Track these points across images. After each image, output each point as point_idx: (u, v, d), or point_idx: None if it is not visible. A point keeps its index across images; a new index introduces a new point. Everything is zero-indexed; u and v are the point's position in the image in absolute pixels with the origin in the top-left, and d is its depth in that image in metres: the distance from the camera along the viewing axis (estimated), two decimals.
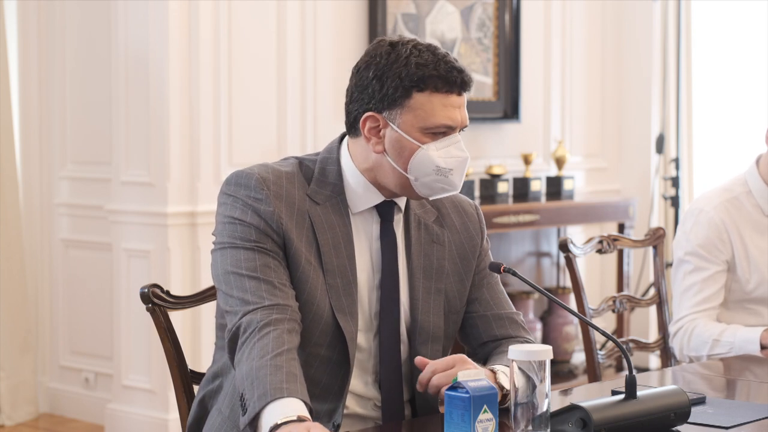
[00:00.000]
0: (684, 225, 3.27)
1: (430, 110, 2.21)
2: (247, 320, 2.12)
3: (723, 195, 3.26)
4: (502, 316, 2.38)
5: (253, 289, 2.15)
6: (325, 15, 5.13)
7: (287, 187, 2.24)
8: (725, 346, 3.09)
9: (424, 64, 2.20)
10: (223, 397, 2.27)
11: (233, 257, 2.19)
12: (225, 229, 2.23)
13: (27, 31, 5.34)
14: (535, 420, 1.90)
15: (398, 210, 2.32)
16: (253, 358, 2.05)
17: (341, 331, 2.21)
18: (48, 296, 5.42)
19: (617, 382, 2.41)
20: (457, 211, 2.41)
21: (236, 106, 4.89)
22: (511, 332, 2.37)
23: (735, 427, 2.17)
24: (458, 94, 2.22)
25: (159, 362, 4.69)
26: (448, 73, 2.20)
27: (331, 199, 2.26)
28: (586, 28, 6.30)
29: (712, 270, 3.19)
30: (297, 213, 2.23)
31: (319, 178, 2.27)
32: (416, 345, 2.29)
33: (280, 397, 1.98)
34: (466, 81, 2.22)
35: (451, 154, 2.22)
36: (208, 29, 4.79)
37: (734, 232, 3.21)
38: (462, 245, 2.38)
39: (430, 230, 2.35)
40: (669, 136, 6.25)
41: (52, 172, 5.40)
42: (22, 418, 5.23)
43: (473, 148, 5.71)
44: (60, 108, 5.35)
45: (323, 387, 2.22)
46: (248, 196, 2.22)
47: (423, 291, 2.31)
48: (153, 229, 4.81)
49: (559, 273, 6.14)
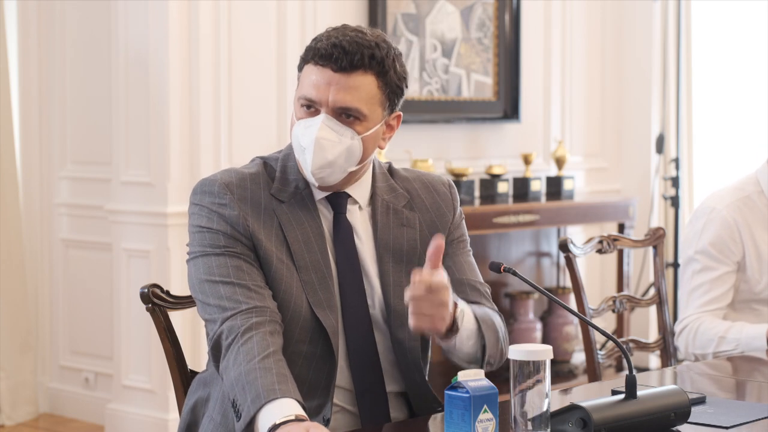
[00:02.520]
0: (694, 223, 3.23)
1: (303, 81, 2.21)
2: (227, 326, 2.11)
3: (735, 194, 3.22)
4: (463, 281, 2.34)
5: (228, 294, 2.15)
6: (325, 15, 5.12)
7: (252, 189, 2.23)
8: (731, 343, 3.07)
9: (318, 38, 2.20)
10: (213, 404, 2.26)
11: (205, 265, 2.19)
12: (195, 238, 2.23)
13: (27, 31, 5.34)
14: (535, 420, 1.89)
15: (353, 201, 2.29)
16: (240, 363, 2.04)
17: (322, 326, 2.20)
18: (48, 296, 5.42)
19: (617, 382, 2.41)
20: (427, 191, 2.38)
21: (236, 106, 4.89)
22: (471, 297, 2.33)
23: (735, 427, 2.16)
24: (333, 70, 2.16)
25: (159, 362, 4.69)
26: (331, 48, 2.16)
27: (295, 195, 2.25)
28: (586, 28, 6.30)
29: (721, 270, 3.16)
30: (264, 213, 2.22)
31: (281, 176, 2.26)
32: (393, 330, 2.26)
33: (274, 398, 1.97)
34: (349, 61, 2.15)
35: (306, 131, 2.19)
36: (208, 29, 4.79)
37: (746, 231, 3.17)
38: (433, 223, 2.35)
39: (400, 214, 2.32)
40: (669, 136, 6.25)
41: (52, 172, 5.40)
42: (22, 418, 5.23)
43: (473, 148, 5.71)
44: (60, 108, 5.35)
45: (310, 383, 2.20)
46: (213, 202, 2.21)
47: (394, 274, 2.28)
48: (153, 229, 4.81)
49: (559, 273, 6.14)
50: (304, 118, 2.21)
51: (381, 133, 2.27)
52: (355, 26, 2.23)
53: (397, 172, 2.40)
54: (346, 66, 2.16)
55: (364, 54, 2.16)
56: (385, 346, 2.28)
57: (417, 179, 2.40)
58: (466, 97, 5.68)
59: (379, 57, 2.18)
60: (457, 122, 5.66)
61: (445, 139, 5.60)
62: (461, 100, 5.66)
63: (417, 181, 2.39)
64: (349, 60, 2.16)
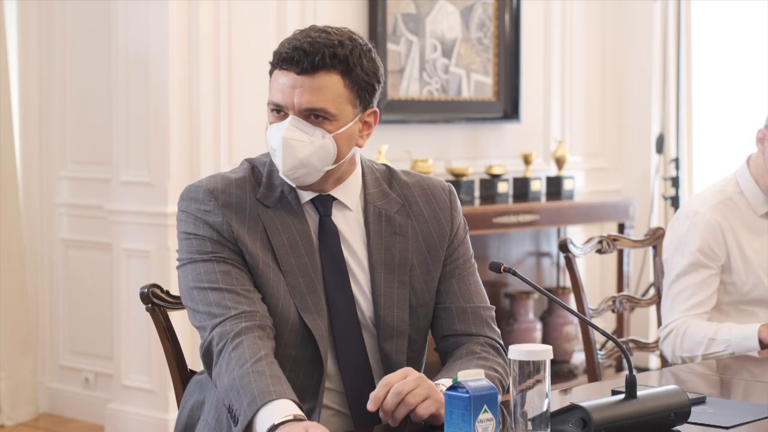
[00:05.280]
0: (677, 227, 3.20)
1: (271, 86, 2.21)
2: (218, 333, 2.11)
3: (717, 196, 3.20)
4: (467, 309, 2.31)
5: (217, 300, 2.14)
6: (325, 15, 5.12)
7: (237, 194, 2.23)
8: (721, 344, 3.05)
9: (282, 43, 2.20)
10: (208, 408, 2.25)
11: (194, 272, 2.19)
12: (182, 245, 2.23)
13: (27, 31, 5.34)
14: (535, 420, 1.89)
15: (340, 204, 2.28)
16: (233, 368, 2.04)
17: (310, 331, 2.19)
18: (48, 296, 5.42)
19: (617, 382, 2.41)
20: (426, 198, 2.34)
21: (236, 106, 4.89)
22: (473, 329, 2.30)
23: (735, 427, 2.16)
24: (297, 72, 2.16)
25: (159, 362, 4.69)
26: (292, 50, 2.15)
27: (281, 199, 2.24)
28: (586, 28, 6.30)
29: (705, 274, 3.14)
30: (249, 218, 2.21)
31: (267, 181, 2.26)
32: (380, 341, 2.25)
33: (270, 400, 1.97)
34: (310, 62, 2.14)
35: (276, 134, 2.19)
36: (208, 29, 4.79)
37: (729, 233, 3.16)
38: (429, 234, 2.31)
39: (392, 222, 2.29)
40: (669, 136, 6.25)
41: (52, 172, 5.40)
42: (22, 418, 5.23)
43: (473, 148, 5.72)
44: (60, 108, 5.35)
45: (299, 388, 2.18)
46: (198, 209, 2.21)
47: (385, 285, 2.26)
48: (153, 229, 4.81)
49: (559, 273, 6.14)
50: (275, 122, 2.21)
51: (356, 131, 2.24)
52: (322, 26, 2.21)
53: (397, 175, 2.36)
54: (308, 68, 2.15)
55: (325, 54, 2.15)
56: (375, 349, 2.27)
57: (417, 185, 2.36)
58: (466, 97, 5.68)
59: (341, 55, 2.16)
60: (457, 122, 5.66)
61: (445, 139, 5.60)
62: (461, 100, 5.66)
63: (416, 187, 2.35)
64: (310, 61, 2.15)
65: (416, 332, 2.29)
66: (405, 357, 2.27)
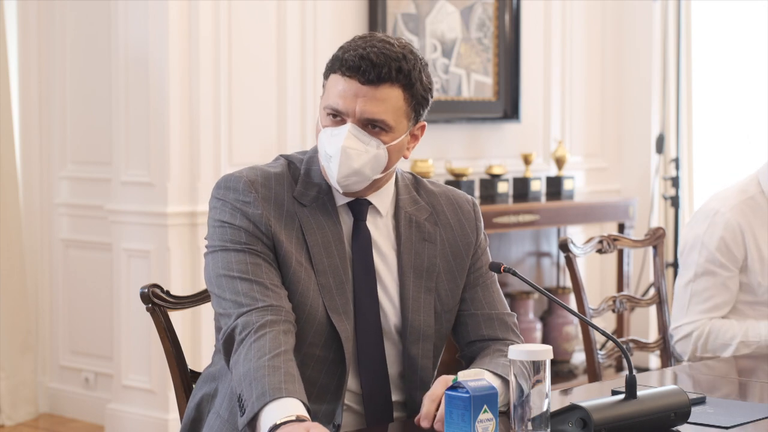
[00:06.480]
0: (696, 226, 3.17)
1: (329, 90, 2.21)
2: (242, 322, 2.11)
3: (739, 196, 3.16)
4: (492, 316, 2.36)
5: (245, 290, 2.15)
6: (325, 15, 5.13)
7: (276, 189, 2.24)
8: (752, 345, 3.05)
9: (345, 48, 2.20)
10: (221, 400, 2.26)
11: (224, 260, 2.19)
12: (215, 232, 2.23)
13: (27, 31, 5.34)
14: (535, 420, 1.90)
15: (375, 210, 2.30)
16: (251, 359, 2.05)
17: (336, 331, 2.21)
18: (48, 296, 5.42)
19: (617, 382, 2.41)
20: (452, 207, 2.38)
21: (236, 106, 4.89)
22: (499, 334, 2.34)
23: (735, 427, 2.16)
24: (360, 82, 2.16)
25: (159, 362, 4.70)
26: (358, 59, 2.16)
27: (317, 200, 2.26)
28: (586, 28, 6.30)
29: (725, 275, 3.12)
30: (286, 214, 2.22)
31: (305, 180, 2.27)
32: (407, 344, 2.28)
33: (279, 397, 1.97)
34: (377, 74, 2.15)
35: (332, 140, 2.19)
36: (208, 29, 4.79)
37: (749, 234, 3.12)
38: (455, 243, 2.35)
39: (422, 228, 2.33)
40: (669, 136, 6.25)
41: (52, 172, 5.40)
42: (22, 418, 5.23)
43: (473, 148, 5.71)
44: (60, 108, 5.35)
45: (320, 387, 2.21)
46: (237, 199, 2.22)
47: (413, 289, 2.29)
48: (153, 229, 4.81)
49: (559, 273, 6.14)
50: (330, 126, 2.21)
51: (406, 143, 2.27)
52: (382, 35, 2.22)
53: (423, 184, 2.40)
54: (373, 79, 2.16)
55: (391, 67, 2.16)
56: (394, 356, 2.29)
57: (443, 194, 2.39)
58: (466, 97, 5.68)
59: (406, 70, 2.18)
60: (457, 122, 5.66)
61: (445, 139, 5.60)
62: (461, 100, 5.66)
63: (443, 196, 2.38)
64: (376, 73, 2.16)
65: (439, 338, 2.33)
66: (430, 362, 2.30)
